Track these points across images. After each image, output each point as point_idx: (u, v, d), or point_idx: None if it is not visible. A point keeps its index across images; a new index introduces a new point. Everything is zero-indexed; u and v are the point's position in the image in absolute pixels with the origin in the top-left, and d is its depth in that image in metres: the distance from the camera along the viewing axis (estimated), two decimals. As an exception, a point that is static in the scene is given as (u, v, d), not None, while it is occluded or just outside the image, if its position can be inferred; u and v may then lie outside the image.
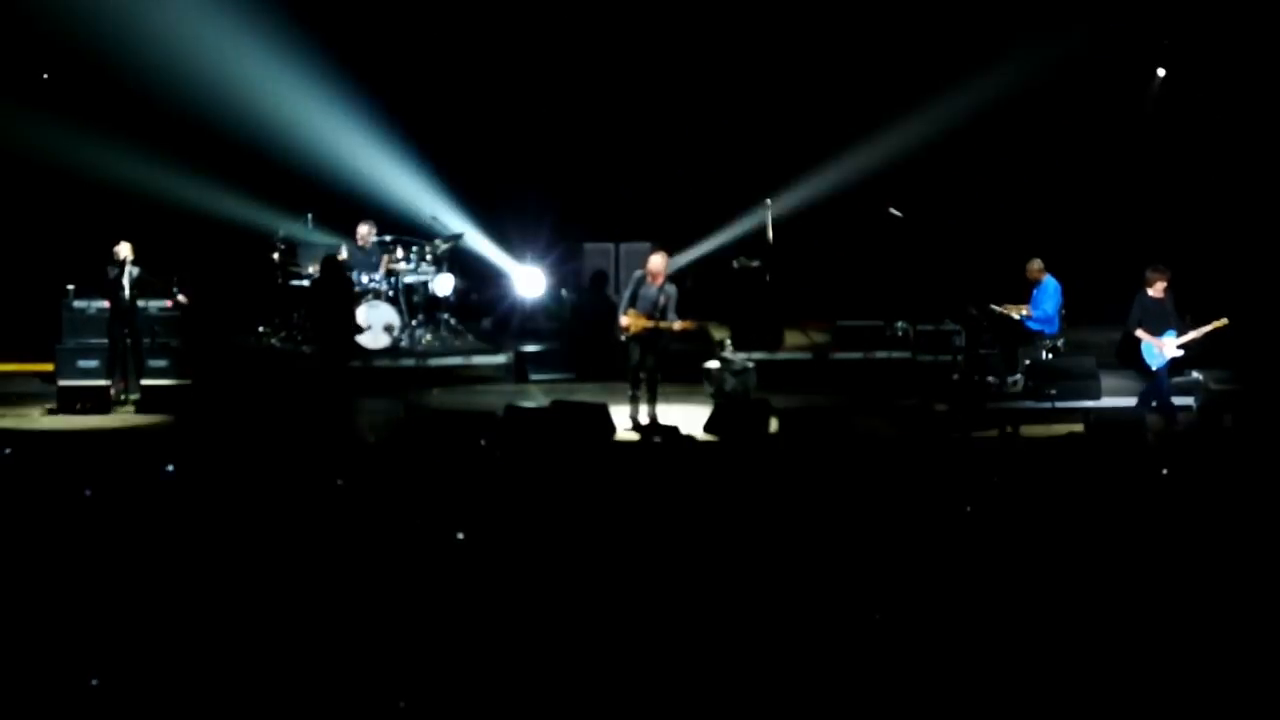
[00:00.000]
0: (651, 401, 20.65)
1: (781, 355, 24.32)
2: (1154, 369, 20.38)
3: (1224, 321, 20.51)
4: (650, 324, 20.41)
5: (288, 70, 25.03)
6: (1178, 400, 20.47)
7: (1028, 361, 22.19)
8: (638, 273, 20.95)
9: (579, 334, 24.57)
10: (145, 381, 21.38)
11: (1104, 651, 10.46)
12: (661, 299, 20.49)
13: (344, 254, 23.09)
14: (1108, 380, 21.99)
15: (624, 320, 20.49)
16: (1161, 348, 20.26)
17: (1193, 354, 21.18)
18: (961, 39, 25.85)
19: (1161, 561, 12.22)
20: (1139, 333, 20.31)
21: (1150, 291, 20.42)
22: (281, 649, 10.26)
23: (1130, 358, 21.20)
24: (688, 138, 26.23)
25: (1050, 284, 22.29)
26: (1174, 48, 26.13)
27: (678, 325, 20.73)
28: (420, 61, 25.40)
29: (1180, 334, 20.35)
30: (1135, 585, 11.62)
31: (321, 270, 20.96)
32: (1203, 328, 20.50)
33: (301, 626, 10.60)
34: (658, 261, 20.69)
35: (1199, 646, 10.58)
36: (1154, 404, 20.32)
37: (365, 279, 23.29)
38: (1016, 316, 22.38)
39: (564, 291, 25.12)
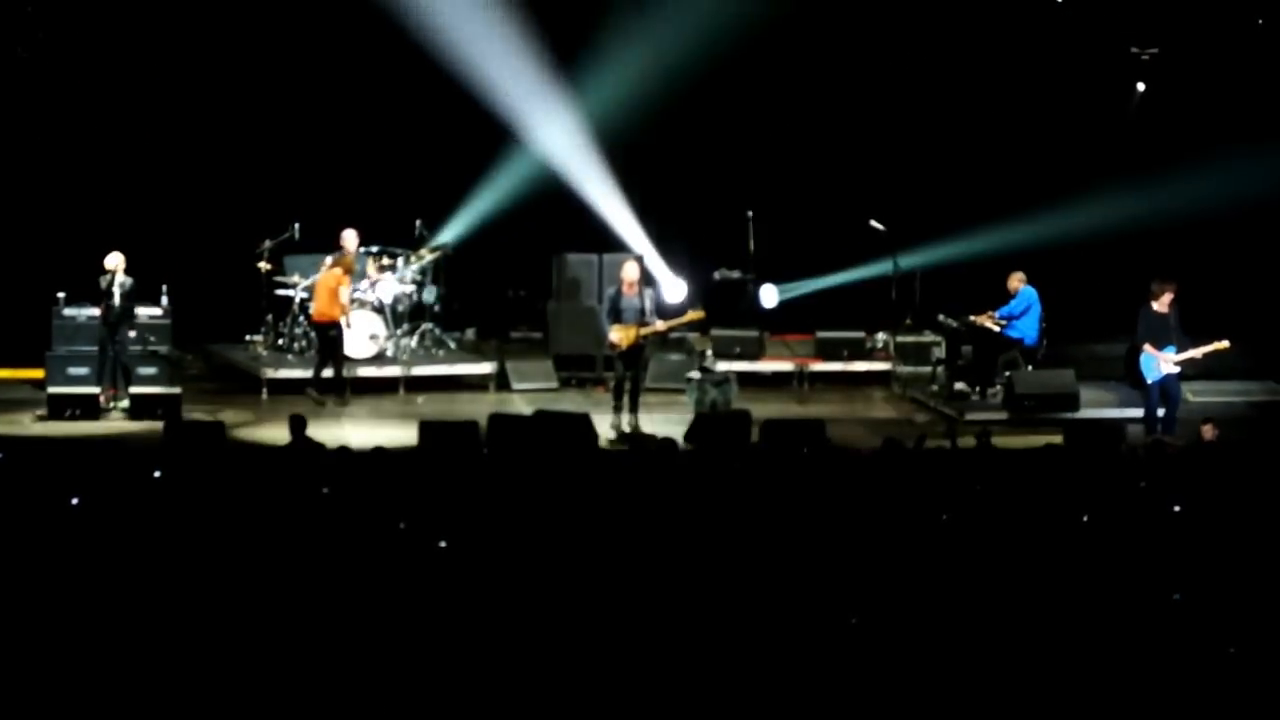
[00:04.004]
0: (634, 411, 20.85)
1: (763, 366, 24.45)
2: (1148, 382, 20.48)
3: (1225, 344, 20.58)
4: (641, 334, 20.61)
5: (278, 77, 25.12)
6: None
7: (1007, 373, 22.35)
8: (610, 289, 21.21)
9: (561, 343, 24.69)
10: (134, 389, 21.54)
11: (1080, 658, 10.60)
12: (647, 304, 20.75)
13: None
14: (1088, 393, 22.18)
15: (614, 336, 20.67)
16: (1160, 362, 20.32)
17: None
18: (948, 45, 25.98)
19: (1138, 570, 12.35)
20: (1145, 347, 20.36)
21: (1155, 305, 20.44)
22: (265, 655, 10.37)
23: (1130, 369, 21.40)
24: (674, 147, 26.30)
25: (1024, 294, 22.41)
26: (1155, 60, 26.25)
27: (679, 320, 21.12)
28: (412, 68, 25.48)
29: (1180, 351, 20.40)
30: (1110, 593, 11.75)
31: None
32: (1203, 347, 20.54)
33: (285, 632, 10.71)
34: (632, 270, 20.91)
35: (1172, 654, 10.73)
36: (1157, 418, 20.40)
37: (351, 288, 23.39)
38: (994, 328, 22.54)
39: (550, 303, 25.22)
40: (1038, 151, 26.01)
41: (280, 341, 23.89)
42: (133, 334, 21.93)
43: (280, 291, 23.82)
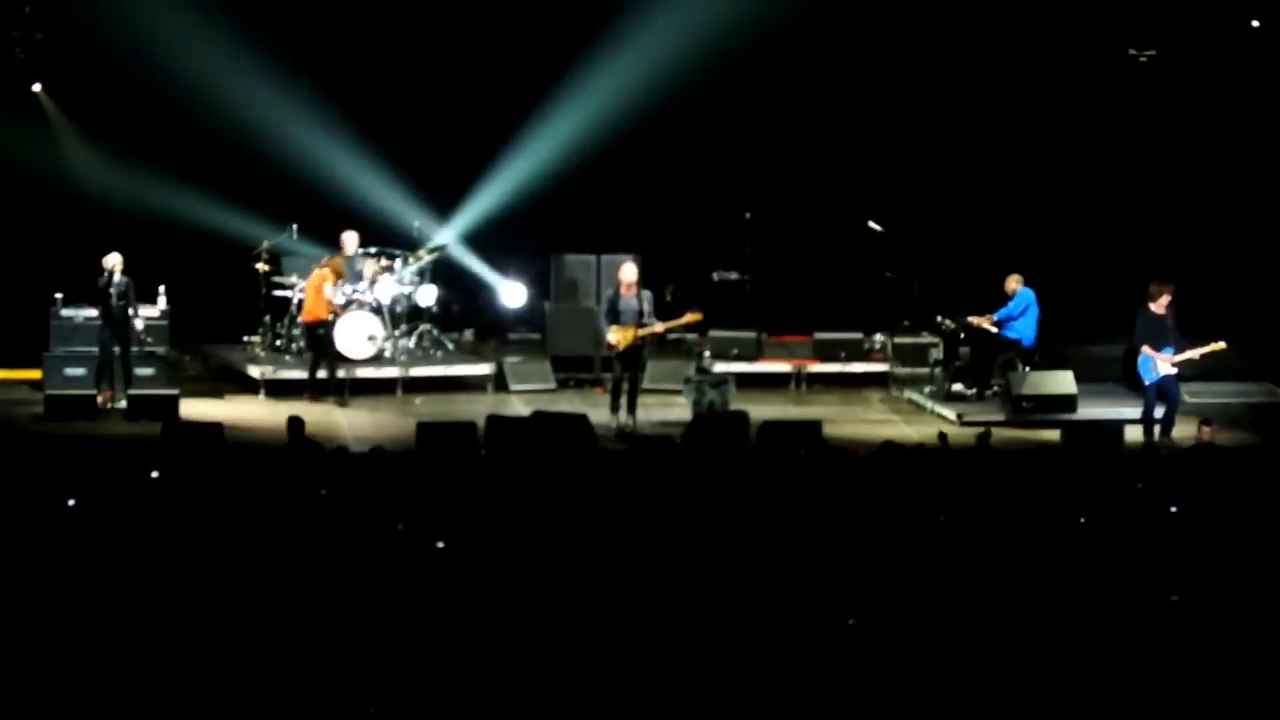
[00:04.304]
0: (632, 411, 20.85)
1: (760, 367, 24.44)
2: (1146, 383, 20.51)
3: (1222, 345, 20.60)
4: (639, 335, 20.61)
5: (272, 80, 25.12)
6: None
7: (1006, 375, 22.35)
8: (609, 291, 21.23)
9: (559, 345, 24.67)
10: (133, 391, 21.54)
11: (1078, 658, 10.61)
12: (645, 306, 20.75)
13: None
14: (1085, 394, 22.18)
15: (612, 338, 20.67)
16: (1157, 364, 20.34)
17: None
18: (941, 49, 25.98)
19: (1136, 571, 12.37)
20: (1144, 348, 20.39)
21: (1153, 306, 20.44)
22: (263, 655, 10.37)
23: (1129, 370, 21.44)
24: (668, 149, 26.31)
25: (1022, 295, 22.41)
26: (1156, 59, 26.25)
27: (677, 322, 21.11)
28: (403, 72, 25.50)
29: (1177, 352, 20.42)
30: (1108, 594, 11.77)
31: None
32: (1200, 348, 20.55)
33: (279, 632, 10.71)
34: (630, 272, 20.91)
35: (1171, 655, 10.74)
36: (1155, 419, 20.46)
37: (349, 289, 23.45)
38: (992, 329, 22.53)
39: (546, 304, 25.22)
40: (1035, 153, 26.00)
41: (278, 342, 23.90)
42: (140, 324, 21.91)
43: (278, 292, 23.84)
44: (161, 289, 22.82)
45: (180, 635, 10.56)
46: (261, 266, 23.82)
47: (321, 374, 22.35)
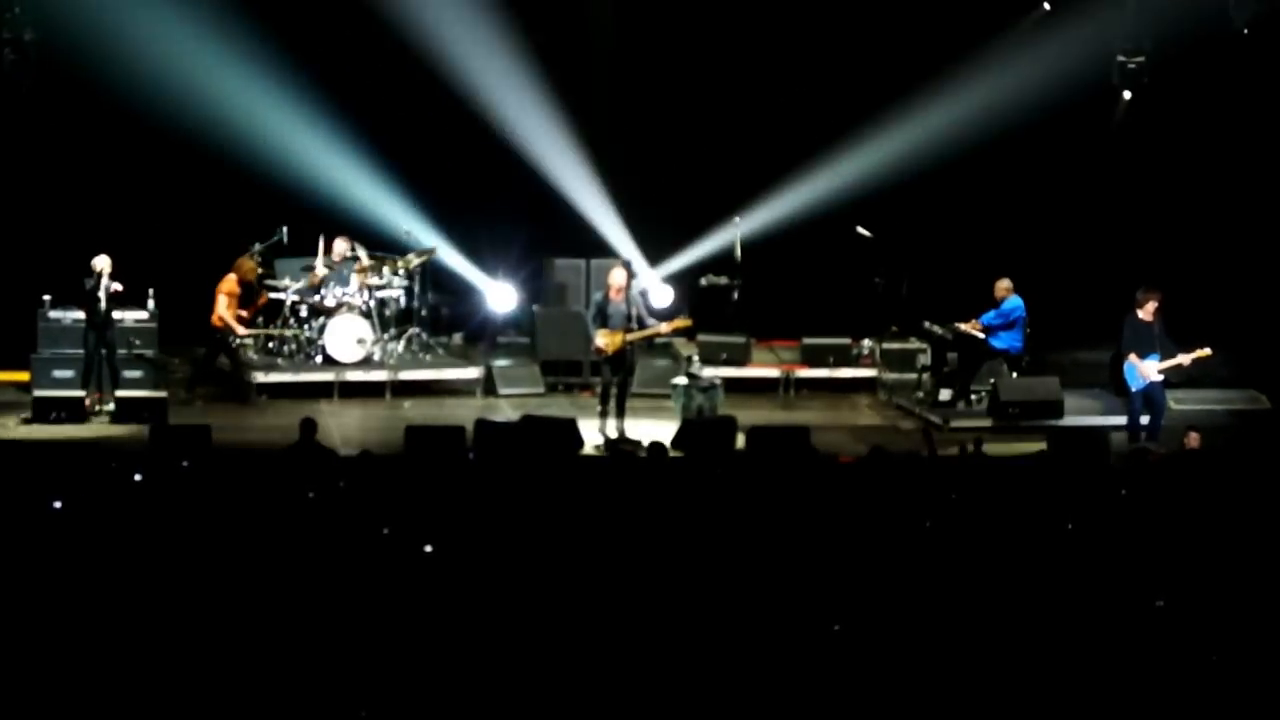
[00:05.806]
0: (620, 416, 20.87)
1: (749, 372, 24.46)
2: (1132, 390, 20.56)
3: (1207, 351, 20.66)
4: (627, 339, 20.63)
5: (264, 83, 25.10)
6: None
7: (992, 380, 22.39)
8: (598, 295, 21.25)
9: (548, 349, 24.68)
10: (120, 393, 21.52)
11: (1063, 664, 10.65)
12: (633, 310, 20.77)
13: (319, 267, 23.51)
14: (1072, 401, 22.22)
15: (600, 341, 20.70)
16: (1143, 371, 20.39)
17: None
18: (933, 54, 26.00)
19: (1121, 576, 12.40)
20: (1130, 355, 20.44)
21: (1140, 314, 20.50)
22: (248, 659, 10.39)
23: (1116, 377, 21.50)
24: (660, 152, 26.32)
25: (1011, 303, 22.42)
26: (1142, 68, 26.24)
27: (665, 327, 21.13)
28: (395, 73, 25.50)
29: (1164, 359, 20.47)
30: (1093, 600, 11.80)
31: None
32: (1186, 354, 20.62)
33: (268, 636, 10.73)
34: (618, 277, 20.94)
35: (1155, 660, 10.78)
36: (1141, 425, 20.52)
37: (339, 291, 23.47)
38: (980, 335, 22.56)
39: (535, 307, 25.23)
40: (1025, 158, 26.01)
41: (270, 345, 23.87)
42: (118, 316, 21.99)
43: (270, 295, 23.80)
44: (150, 291, 22.79)
45: (168, 639, 10.56)
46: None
47: (251, 375, 22.64)
